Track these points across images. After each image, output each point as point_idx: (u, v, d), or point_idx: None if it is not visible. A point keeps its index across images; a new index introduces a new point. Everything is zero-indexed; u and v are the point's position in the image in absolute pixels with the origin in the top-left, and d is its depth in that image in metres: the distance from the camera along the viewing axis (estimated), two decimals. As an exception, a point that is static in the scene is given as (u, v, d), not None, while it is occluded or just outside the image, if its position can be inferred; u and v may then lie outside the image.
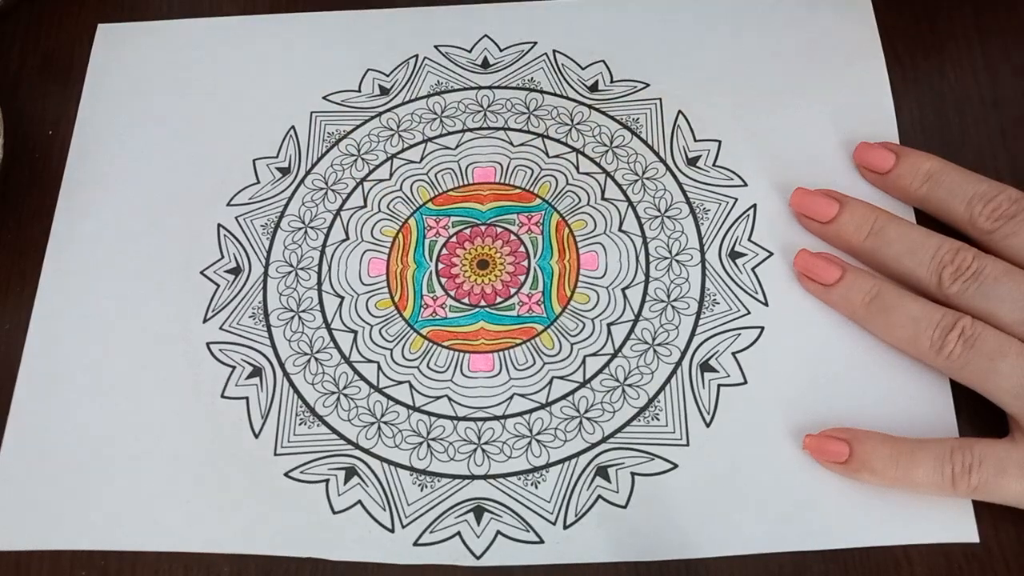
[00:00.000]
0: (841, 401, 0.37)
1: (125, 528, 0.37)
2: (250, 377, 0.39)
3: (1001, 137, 0.41)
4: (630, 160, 0.42)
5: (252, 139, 0.44)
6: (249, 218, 0.42)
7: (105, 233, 0.42)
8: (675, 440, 0.37)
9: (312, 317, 0.40)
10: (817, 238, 0.39)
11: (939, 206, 0.37)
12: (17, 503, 0.38)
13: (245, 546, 0.36)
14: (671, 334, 0.38)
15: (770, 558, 0.35)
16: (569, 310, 0.39)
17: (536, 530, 0.36)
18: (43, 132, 0.45)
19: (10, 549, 0.37)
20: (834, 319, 0.38)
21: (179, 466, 0.38)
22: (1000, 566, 0.34)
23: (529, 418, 0.38)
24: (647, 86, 0.43)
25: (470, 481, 0.37)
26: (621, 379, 0.38)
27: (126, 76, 0.46)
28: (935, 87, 0.42)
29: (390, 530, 0.36)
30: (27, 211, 0.43)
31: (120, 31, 0.47)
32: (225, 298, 0.41)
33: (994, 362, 0.34)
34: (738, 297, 0.39)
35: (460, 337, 0.39)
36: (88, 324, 0.40)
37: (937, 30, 0.43)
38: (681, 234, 0.40)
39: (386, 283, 0.40)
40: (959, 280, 0.35)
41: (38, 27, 0.47)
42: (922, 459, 0.34)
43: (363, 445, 0.38)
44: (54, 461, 0.38)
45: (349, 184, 0.42)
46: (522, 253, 0.41)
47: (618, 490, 0.36)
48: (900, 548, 0.35)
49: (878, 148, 0.39)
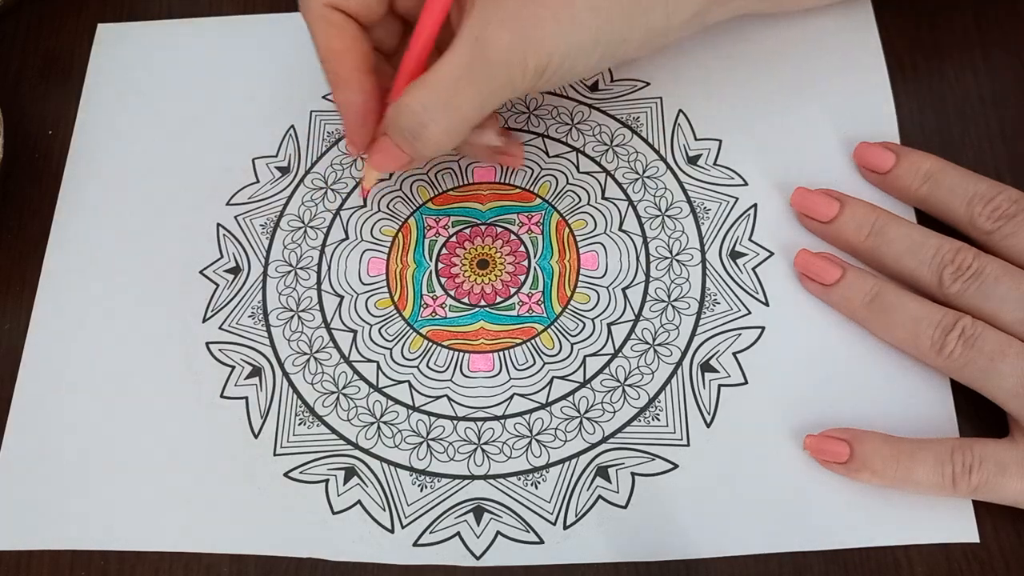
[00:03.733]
0: (841, 401, 0.37)
1: (125, 528, 0.37)
2: (249, 377, 0.39)
3: (1001, 137, 0.41)
4: (630, 159, 0.42)
5: (252, 138, 0.44)
6: (248, 217, 0.42)
7: (105, 233, 0.42)
8: (675, 440, 0.37)
9: (312, 317, 0.40)
10: (817, 238, 0.39)
11: (939, 206, 0.37)
12: (17, 503, 0.38)
13: (245, 546, 0.36)
14: (671, 334, 0.38)
15: (770, 558, 0.35)
16: (569, 310, 0.39)
17: (536, 530, 0.36)
18: (43, 132, 0.45)
19: (10, 549, 0.37)
20: (834, 319, 0.38)
21: (179, 466, 0.38)
22: (1000, 566, 0.34)
23: (529, 418, 0.38)
24: (647, 85, 0.43)
25: (470, 481, 0.37)
26: (621, 379, 0.38)
27: (126, 76, 0.46)
28: (935, 87, 0.42)
29: (390, 530, 0.36)
30: (27, 211, 0.43)
31: (120, 31, 0.47)
32: (224, 298, 0.41)
33: (994, 362, 0.34)
34: (739, 297, 0.39)
35: (460, 337, 0.39)
36: (88, 324, 0.40)
37: (937, 30, 0.43)
38: (681, 234, 0.40)
39: (386, 283, 0.40)
40: (959, 280, 0.35)
41: (38, 27, 0.47)
42: (922, 459, 0.34)
43: (363, 445, 0.38)
44: (54, 461, 0.38)
45: (349, 183, 0.42)
46: (522, 253, 0.41)
47: (618, 490, 0.36)
48: (900, 548, 0.35)
49: (878, 148, 0.39)
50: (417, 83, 0.34)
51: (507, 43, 0.33)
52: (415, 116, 0.34)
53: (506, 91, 0.34)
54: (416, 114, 0.34)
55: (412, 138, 0.35)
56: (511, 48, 0.33)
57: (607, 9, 0.34)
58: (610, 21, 0.34)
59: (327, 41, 0.36)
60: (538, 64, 0.34)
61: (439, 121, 0.34)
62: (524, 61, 0.34)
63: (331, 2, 0.35)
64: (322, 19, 0.35)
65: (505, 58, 0.33)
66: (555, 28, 0.33)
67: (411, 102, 0.34)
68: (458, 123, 0.35)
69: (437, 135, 0.35)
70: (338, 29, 0.36)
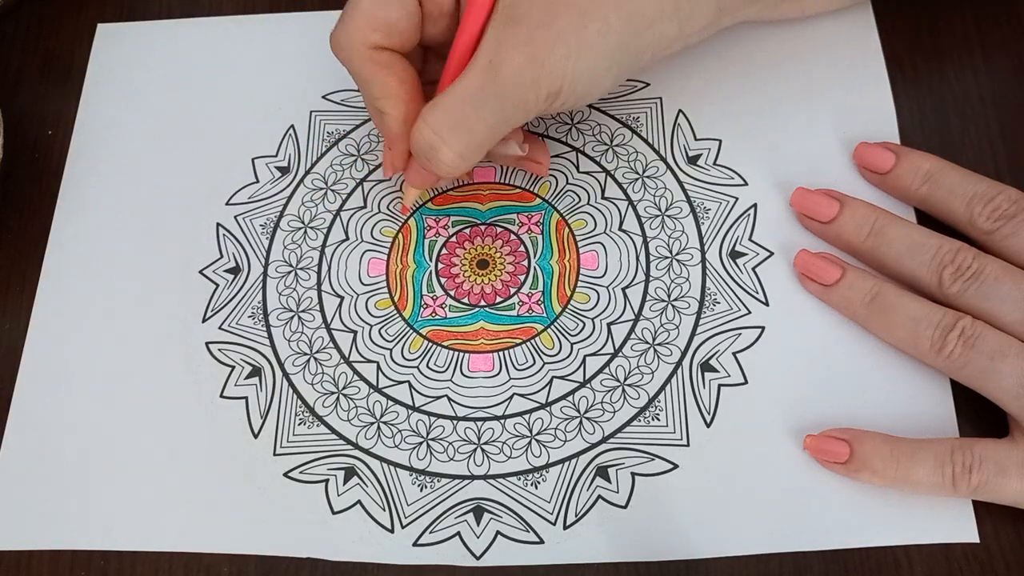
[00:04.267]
0: (841, 401, 0.37)
1: (125, 528, 0.37)
2: (249, 377, 0.39)
3: (1001, 137, 0.41)
4: (630, 159, 0.42)
5: (251, 138, 0.44)
6: (248, 217, 0.42)
7: (105, 233, 0.42)
8: (675, 440, 0.37)
9: (312, 317, 0.40)
10: (817, 238, 0.39)
11: (939, 206, 0.37)
12: (17, 503, 0.38)
13: (245, 546, 0.36)
14: (671, 334, 0.38)
15: (770, 558, 0.35)
16: (569, 310, 0.39)
17: (536, 530, 0.36)
18: (43, 132, 0.45)
19: (10, 549, 0.37)
20: (834, 319, 0.38)
21: (178, 466, 0.38)
22: (1000, 566, 0.34)
23: (529, 418, 0.38)
24: (647, 85, 0.43)
25: (470, 481, 0.37)
26: (621, 379, 0.38)
27: (126, 76, 0.46)
28: (935, 87, 0.42)
29: (389, 530, 0.36)
30: (27, 211, 0.43)
31: (120, 31, 0.47)
32: (224, 298, 0.41)
33: (994, 362, 0.34)
34: (738, 297, 0.39)
35: (460, 337, 0.39)
36: (88, 324, 0.40)
37: (937, 30, 0.43)
38: (681, 233, 0.40)
39: (386, 283, 0.40)
40: (959, 280, 0.35)
41: (38, 27, 0.47)
42: (922, 459, 0.34)
43: (363, 445, 0.38)
44: (54, 461, 0.38)
45: (349, 184, 0.42)
46: (522, 253, 0.41)
47: (618, 490, 0.36)
48: (900, 548, 0.35)
49: (878, 148, 0.39)
50: (431, 105, 0.34)
51: (519, 66, 0.33)
52: (428, 139, 0.34)
53: (519, 114, 0.34)
54: (429, 137, 0.34)
55: (427, 160, 0.35)
56: (523, 72, 0.33)
57: (619, 31, 0.34)
58: (622, 42, 0.34)
59: (384, 86, 0.35)
60: (551, 88, 0.34)
61: (452, 144, 0.34)
62: (537, 85, 0.33)
63: (376, 43, 0.34)
64: (370, 62, 0.35)
65: (517, 81, 0.33)
66: (566, 52, 0.33)
67: (424, 125, 0.34)
68: (471, 146, 0.34)
69: (450, 158, 0.34)
70: (388, 69, 0.35)
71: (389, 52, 0.35)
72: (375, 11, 0.34)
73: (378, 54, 0.34)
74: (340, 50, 0.35)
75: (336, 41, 0.35)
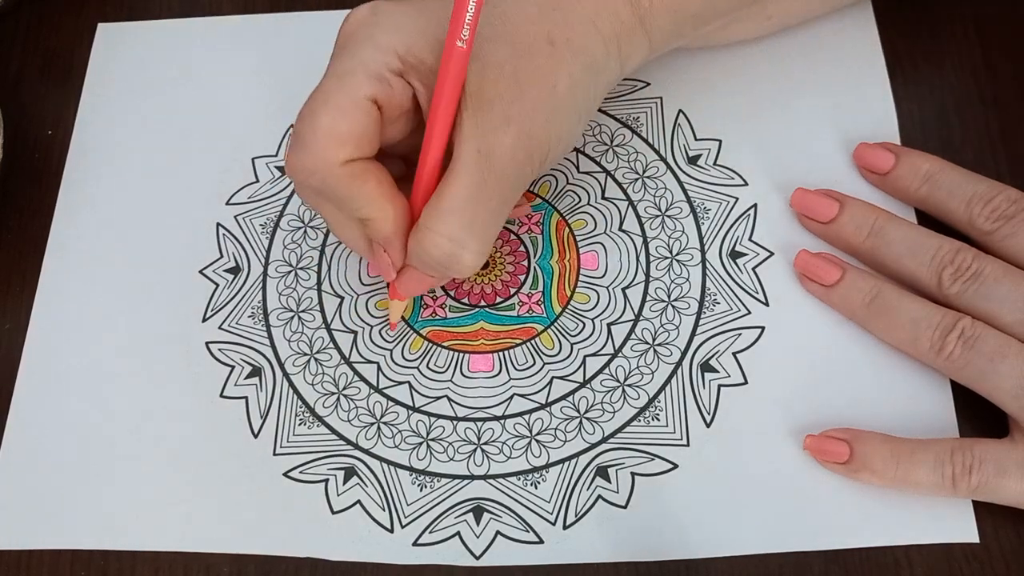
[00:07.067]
0: (841, 401, 0.37)
1: (125, 528, 0.37)
2: (249, 377, 0.39)
3: (1001, 137, 0.41)
4: (630, 159, 0.42)
5: (252, 138, 0.44)
6: (248, 217, 0.42)
7: (104, 232, 0.42)
8: (675, 440, 0.37)
9: (312, 317, 0.40)
10: (817, 238, 0.39)
11: (939, 206, 0.37)
12: (17, 502, 0.38)
13: (244, 546, 0.36)
14: (671, 334, 0.38)
15: (770, 558, 0.35)
16: (569, 310, 0.39)
17: (536, 530, 0.36)
18: (43, 132, 0.45)
19: (10, 548, 0.37)
20: (834, 319, 0.38)
21: (178, 466, 0.38)
22: (1000, 566, 0.34)
23: (529, 418, 0.38)
24: (647, 85, 0.43)
25: (470, 481, 0.37)
26: (621, 379, 0.38)
27: (126, 76, 0.46)
28: (935, 87, 0.42)
29: (389, 530, 0.36)
30: (27, 211, 0.43)
31: (120, 31, 0.47)
32: (224, 297, 0.41)
33: (994, 363, 0.34)
34: (738, 297, 0.39)
35: (460, 337, 0.39)
36: (88, 324, 0.40)
37: (937, 30, 0.43)
38: (682, 234, 0.40)
39: (386, 283, 0.40)
40: (959, 281, 0.35)
41: (38, 27, 0.47)
42: (922, 459, 0.34)
43: (363, 445, 0.38)
44: (54, 461, 0.38)
45: (349, 184, 0.42)
46: (522, 253, 0.41)
47: (618, 490, 0.36)
48: (900, 548, 0.35)
49: (878, 148, 0.39)
50: (435, 213, 0.33)
51: (510, 147, 0.33)
52: (446, 249, 0.33)
53: (519, 190, 0.34)
54: (446, 246, 0.33)
55: (446, 268, 0.34)
56: (516, 151, 0.33)
57: (582, 83, 0.35)
58: (586, 92, 0.35)
59: (367, 196, 0.33)
60: (541, 155, 0.34)
61: (470, 245, 0.33)
62: (531, 158, 0.34)
63: (347, 157, 0.33)
64: (347, 177, 0.33)
65: (513, 162, 0.33)
66: (546, 117, 0.33)
67: (437, 236, 0.33)
68: (488, 239, 0.34)
69: (472, 259, 0.34)
70: (365, 177, 0.33)
71: (361, 161, 0.33)
72: (338, 126, 0.32)
73: (351, 167, 0.33)
74: (311, 174, 0.33)
75: (301, 166, 0.33)
